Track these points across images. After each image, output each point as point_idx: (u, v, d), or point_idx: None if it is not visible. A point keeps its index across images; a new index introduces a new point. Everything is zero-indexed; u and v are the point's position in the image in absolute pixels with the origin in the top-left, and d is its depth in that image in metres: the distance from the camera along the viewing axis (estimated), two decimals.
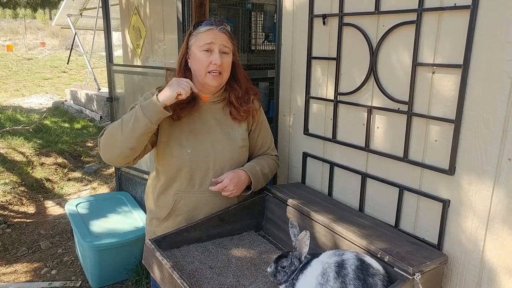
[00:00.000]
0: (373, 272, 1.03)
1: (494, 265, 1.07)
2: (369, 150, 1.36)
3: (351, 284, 1.00)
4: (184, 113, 1.36)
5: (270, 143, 1.54)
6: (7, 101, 8.40)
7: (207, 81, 1.34)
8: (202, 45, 1.32)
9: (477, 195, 1.08)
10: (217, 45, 1.31)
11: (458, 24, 1.06)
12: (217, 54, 1.31)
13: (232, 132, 1.41)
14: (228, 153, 1.39)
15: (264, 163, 1.46)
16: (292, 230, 1.16)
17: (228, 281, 1.18)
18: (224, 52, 1.33)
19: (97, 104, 7.27)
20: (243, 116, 1.41)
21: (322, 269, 1.04)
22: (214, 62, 1.30)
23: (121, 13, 3.14)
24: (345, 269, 1.02)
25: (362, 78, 1.34)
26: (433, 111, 1.16)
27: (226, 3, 2.99)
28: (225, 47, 1.33)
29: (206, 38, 1.32)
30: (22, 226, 3.26)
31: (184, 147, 1.36)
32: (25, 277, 2.59)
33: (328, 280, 1.02)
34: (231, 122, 1.42)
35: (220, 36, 1.33)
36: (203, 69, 1.32)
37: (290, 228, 1.16)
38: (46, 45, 16.16)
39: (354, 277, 1.01)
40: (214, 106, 1.42)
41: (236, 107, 1.40)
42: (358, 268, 1.03)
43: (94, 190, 4.11)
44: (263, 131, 1.51)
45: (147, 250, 1.26)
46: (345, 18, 1.37)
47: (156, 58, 2.75)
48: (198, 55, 1.33)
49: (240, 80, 1.43)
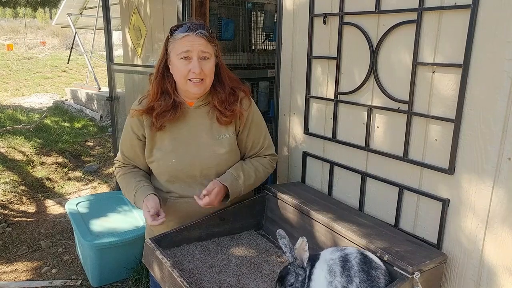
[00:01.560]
0: (375, 265, 1.05)
1: (494, 264, 1.07)
2: (369, 149, 1.36)
3: (356, 277, 1.01)
4: (167, 121, 1.33)
5: (264, 142, 1.46)
6: (8, 101, 8.41)
7: (189, 88, 1.30)
8: (179, 53, 1.26)
9: (476, 194, 1.08)
10: (195, 52, 1.26)
11: (459, 23, 1.06)
12: (196, 62, 1.26)
13: (219, 137, 1.37)
14: (215, 160, 1.36)
15: (251, 172, 1.40)
16: (282, 241, 1.09)
17: (228, 280, 1.18)
18: (204, 57, 1.28)
19: (97, 104, 7.28)
20: (228, 120, 1.35)
21: (327, 266, 1.04)
22: (193, 71, 1.26)
23: (121, 12, 3.15)
24: (349, 262, 1.03)
25: (362, 78, 1.34)
26: (433, 110, 1.16)
27: (226, 2, 2.99)
28: (204, 53, 1.27)
29: (183, 45, 1.26)
30: (23, 225, 3.27)
31: (169, 157, 1.34)
32: (26, 276, 2.59)
33: (335, 275, 1.02)
34: (217, 126, 1.36)
35: (198, 42, 1.27)
36: (183, 78, 1.29)
37: (280, 239, 1.10)
38: (47, 45, 16.16)
39: (358, 269, 1.02)
40: (199, 111, 1.38)
41: (220, 111, 1.34)
42: (361, 261, 1.04)
43: (95, 189, 4.11)
44: (254, 131, 1.43)
45: (147, 248, 1.26)
46: (345, 17, 1.37)
47: (157, 57, 2.75)
48: (176, 64, 1.28)
49: (224, 83, 1.37)
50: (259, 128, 1.45)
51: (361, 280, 1.01)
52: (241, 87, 1.42)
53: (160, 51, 1.36)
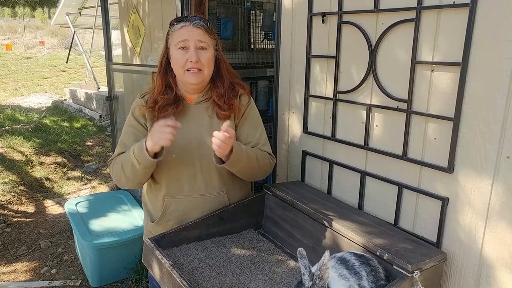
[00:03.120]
0: (368, 257, 1.07)
1: (493, 262, 1.07)
2: (368, 148, 1.36)
3: (362, 271, 1.01)
4: (168, 115, 1.32)
5: (260, 138, 1.43)
6: (6, 100, 8.39)
7: (187, 79, 1.31)
8: (177, 43, 1.29)
9: (475, 192, 1.09)
10: (192, 41, 1.28)
11: (457, 22, 1.06)
12: (193, 51, 1.27)
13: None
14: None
15: (253, 150, 1.35)
16: (303, 262, 0.95)
17: (228, 279, 1.18)
18: (201, 47, 1.29)
19: (96, 103, 7.27)
20: (226, 114, 1.36)
21: (336, 275, 1.00)
22: (190, 60, 1.27)
23: (120, 12, 3.14)
24: (349, 262, 1.04)
25: (361, 76, 1.34)
26: (432, 109, 1.16)
27: (225, 1, 2.99)
28: (201, 42, 1.29)
29: (180, 35, 1.29)
30: (22, 225, 3.26)
31: (169, 151, 1.33)
32: (25, 276, 2.59)
33: (348, 278, 1.00)
34: (217, 121, 1.37)
35: (195, 32, 1.29)
36: (181, 68, 1.30)
37: (300, 259, 0.96)
38: (45, 44, 16.13)
39: (359, 264, 1.03)
40: (199, 106, 1.39)
41: (219, 105, 1.36)
42: (357, 256, 1.06)
43: (94, 189, 4.11)
44: (249, 124, 1.42)
45: (147, 248, 1.26)
46: (344, 16, 1.37)
47: (155, 56, 2.75)
48: (174, 54, 1.31)
49: (223, 77, 1.39)
50: (255, 122, 1.45)
51: (368, 273, 1.02)
52: (240, 82, 1.43)
53: (162, 47, 1.38)
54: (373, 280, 1.01)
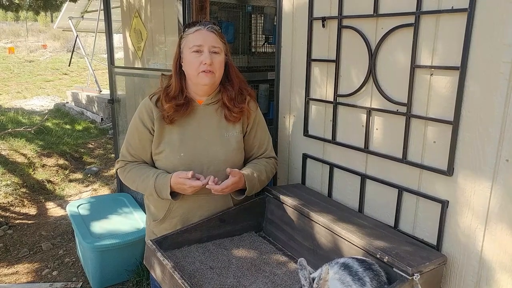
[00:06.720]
0: (370, 262, 1.07)
1: (493, 265, 1.08)
2: (368, 151, 1.37)
3: (366, 276, 1.01)
4: (178, 116, 1.36)
5: (268, 145, 1.52)
6: (9, 103, 8.43)
7: (200, 80, 1.34)
8: (191, 46, 1.33)
9: (475, 195, 1.09)
10: (206, 45, 1.32)
11: (456, 26, 1.07)
12: (207, 54, 1.31)
13: (226, 134, 1.41)
14: (222, 156, 1.39)
15: (262, 169, 1.45)
16: (303, 273, 0.92)
17: (229, 281, 1.19)
18: (214, 52, 1.33)
19: (98, 106, 7.30)
20: (236, 117, 1.40)
21: (339, 282, 1.00)
22: (204, 62, 1.31)
23: (122, 15, 3.16)
24: (351, 267, 1.04)
25: (361, 80, 1.35)
26: (432, 112, 1.17)
27: (226, 5, 3.01)
28: (214, 47, 1.33)
29: (195, 39, 1.33)
30: (24, 227, 3.27)
31: (177, 151, 1.37)
32: (27, 278, 2.60)
33: (350, 285, 1.00)
34: (225, 123, 1.41)
35: (209, 36, 1.33)
36: (195, 70, 1.33)
37: (300, 270, 0.93)
38: (48, 48, 16.21)
39: (363, 269, 1.03)
40: (208, 109, 1.42)
41: (229, 108, 1.40)
42: (359, 261, 1.05)
43: (95, 191, 4.12)
44: (260, 133, 1.49)
45: (148, 250, 1.27)
46: (344, 20, 1.38)
47: (157, 60, 2.77)
48: (188, 57, 1.34)
49: (233, 81, 1.43)
50: (265, 129, 1.53)
51: (371, 278, 1.02)
52: (248, 89, 1.48)
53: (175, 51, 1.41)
54: (376, 285, 1.01)
